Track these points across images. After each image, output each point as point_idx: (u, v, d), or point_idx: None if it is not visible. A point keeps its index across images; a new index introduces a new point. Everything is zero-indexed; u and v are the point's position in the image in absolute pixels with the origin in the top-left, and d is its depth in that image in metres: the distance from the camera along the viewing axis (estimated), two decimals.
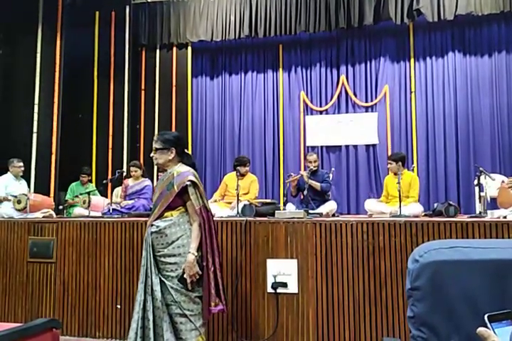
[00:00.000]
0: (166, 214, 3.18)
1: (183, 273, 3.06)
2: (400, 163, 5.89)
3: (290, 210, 5.15)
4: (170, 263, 3.10)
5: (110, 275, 4.45)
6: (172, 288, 3.07)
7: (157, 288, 3.07)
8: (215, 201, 6.10)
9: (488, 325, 1.00)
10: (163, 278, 3.10)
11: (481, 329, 0.99)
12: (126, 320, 4.27)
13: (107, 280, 4.45)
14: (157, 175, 8.19)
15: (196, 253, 3.08)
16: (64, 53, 7.62)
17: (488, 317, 1.01)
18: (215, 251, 3.19)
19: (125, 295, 4.35)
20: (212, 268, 3.15)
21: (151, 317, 3.05)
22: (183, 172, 3.20)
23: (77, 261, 4.54)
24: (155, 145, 3.28)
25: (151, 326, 3.04)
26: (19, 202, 5.38)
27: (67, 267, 4.57)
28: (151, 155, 3.31)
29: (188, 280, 3.05)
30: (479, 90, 8.15)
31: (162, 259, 3.12)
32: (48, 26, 7.48)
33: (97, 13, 8.83)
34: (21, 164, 6.17)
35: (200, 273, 3.09)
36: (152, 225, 3.19)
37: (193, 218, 3.14)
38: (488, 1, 7.64)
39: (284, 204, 5.87)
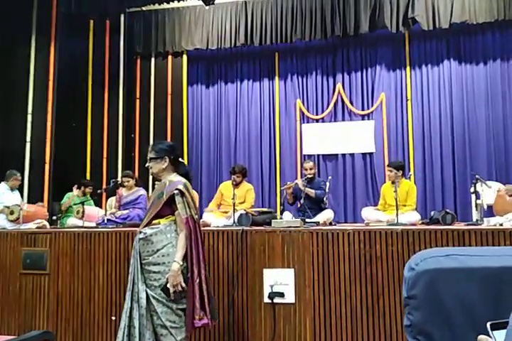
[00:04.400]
0: (154, 221, 3.19)
1: (167, 282, 3.04)
2: (400, 172, 5.89)
3: (287, 219, 5.13)
4: (154, 272, 3.10)
5: (105, 287, 4.40)
6: (154, 297, 3.06)
7: (143, 295, 3.06)
8: (211, 211, 6.07)
9: (490, 333, 0.97)
10: (145, 287, 3.09)
11: (481, 337, 0.97)
12: None
13: (102, 291, 4.40)
14: (152, 185, 8.17)
15: (181, 263, 3.06)
16: (58, 61, 7.60)
17: (490, 325, 0.97)
18: (201, 263, 3.17)
19: (120, 306, 4.27)
20: (198, 280, 3.13)
21: (137, 325, 3.03)
22: (174, 182, 3.23)
23: (71, 273, 4.50)
24: (149, 155, 3.32)
25: (136, 334, 3.02)
26: (12, 212, 5.34)
27: (61, 278, 4.52)
28: (146, 165, 3.36)
29: (171, 290, 3.02)
30: (474, 98, 8.18)
31: (147, 267, 3.12)
32: (42, 34, 7.46)
33: (92, 21, 8.83)
34: (20, 178, 6.19)
35: (183, 284, 3.06)
36: (140, 232, 3.21)
37: (180, 227, 3.14)
38: (482, 10, 7.68)
39: (281, 213, 5.86)
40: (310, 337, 3.89)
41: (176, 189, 3.15)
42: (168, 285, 3.03)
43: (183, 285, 3.05)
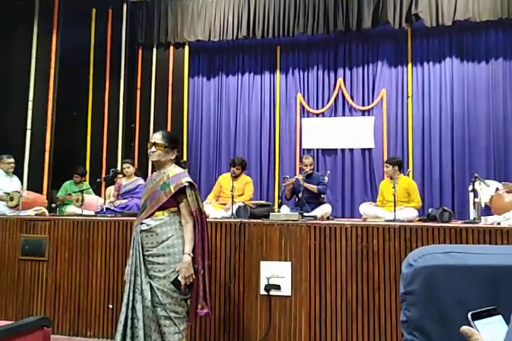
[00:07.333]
0: (156, 213, 3.14)
1: (177, 275, 3.03)
2: (397, 167, 5.90)
3: (285, 212, 5.15)
4: (158, 263, 3.07)
5: (102, 275, 4.43)
6: (158, 289, 3.03)
7: (146, 287, 3.04)
8: (210, 203, 6.09)
9: (472, 323, 0.99)
10: (149, 279, 3.06)
11: (464, 328, 0.98)
12: (117, 319, 4.25)
13: (99, 279, 4.43)
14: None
15: (192, 255, 3.06)
16: (60, 50, 7.56)
17: (471, 315, 0.99)
18: (205, 254, 3.17)
19: (117, 294, 4.33)
20: (202, 271, 3.14)
21: (140, 317, 3.01)
22: (178, 174, 3.18)
23: (70, 260, 4.53)
24: (162, 142, 3.18)
25: (140, 325, 3.00)
26: (11, 199, 5.35)
27: (59, 266, 4.55)
28: (153, 149, 3.19)
29: (183, 282, 3.02)
30: (475, 96, 8.17)
31: (150, 259, 3.08)
32: (43, 22, 7.40)
33: (94, 9, 8.76)
34: (11, 160, 6.09)
35: (194, 275, 3.06)
36: (142, 223, 3.15)
37: (186, 219, 3.11)
38: (486, 8, 7.65)
39: (279, 207, 5.87)
40: (305, 329, 3.93)
41: (187, 181, 3.12)
42: (179, 278, 3.02)
43: (194, 276, 3.06)
